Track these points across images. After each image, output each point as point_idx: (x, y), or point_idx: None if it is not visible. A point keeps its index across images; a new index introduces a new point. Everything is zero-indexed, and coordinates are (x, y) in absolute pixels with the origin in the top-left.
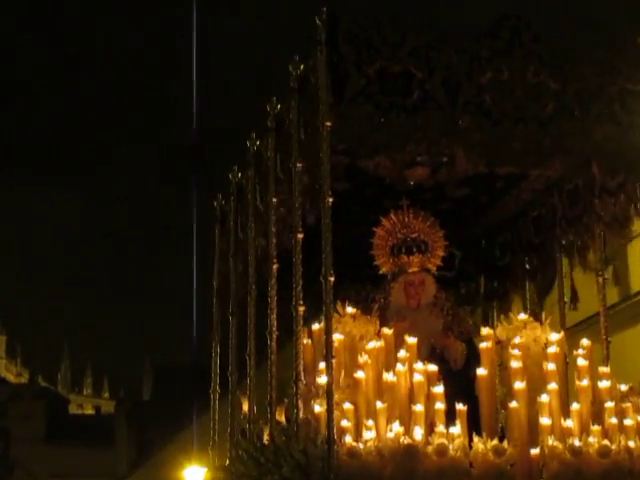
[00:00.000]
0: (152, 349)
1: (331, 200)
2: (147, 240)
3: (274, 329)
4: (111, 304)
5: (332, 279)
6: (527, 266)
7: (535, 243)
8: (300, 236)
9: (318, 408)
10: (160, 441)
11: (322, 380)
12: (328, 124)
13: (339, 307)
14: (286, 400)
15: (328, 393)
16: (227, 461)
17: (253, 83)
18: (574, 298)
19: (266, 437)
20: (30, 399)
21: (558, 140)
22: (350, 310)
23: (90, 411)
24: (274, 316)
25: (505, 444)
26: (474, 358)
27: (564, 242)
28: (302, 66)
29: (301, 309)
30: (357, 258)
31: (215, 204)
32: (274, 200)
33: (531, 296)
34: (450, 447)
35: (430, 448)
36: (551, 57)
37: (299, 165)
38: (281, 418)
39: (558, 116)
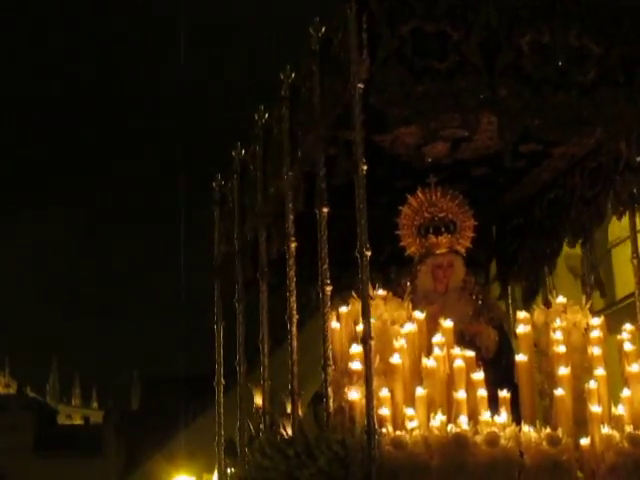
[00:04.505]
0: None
1: (365, 168)
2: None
3: (294, 312)
4: (99, 315)
5: (369, 254)
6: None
7: (548, 227)
8: (325, 210)
9: (355, 395)
10: (149, 451)
11: (356, 366)
12: (360, 86)
13: (370, 289)
14: (303, 392)
15: (367, 378)
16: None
17: (267, 48)
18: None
19: (288, 429)
20: (18, 410)
21: (600, 108)
22: (381, 292)
23: (79, 421)
24: (293, 298)
25: (559, 433)
26: (506, 345)
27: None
28: (324, 28)
29: (328, 289)
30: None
31: (214, 185)
32: (290, 174)
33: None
34: (501, 436)
35: (479, 438)
36: (594, 19)
37: (319, 134)
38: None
39: (601, 83)
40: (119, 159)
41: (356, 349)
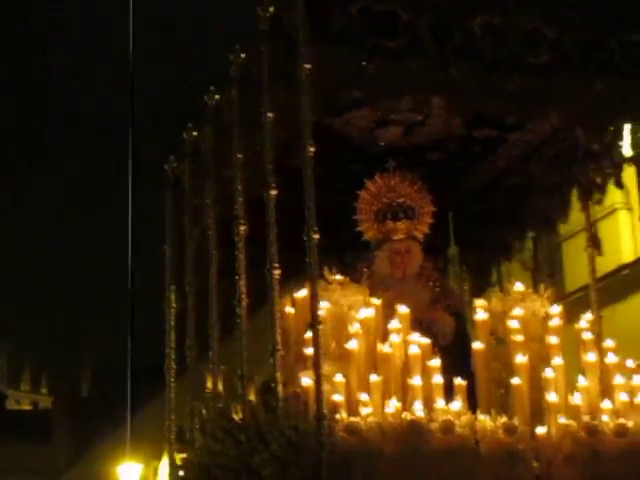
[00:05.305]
0: (91, 346)
1: (312, 150)
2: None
3: (244, 296)
4: (48, 301)
5: (317, 237)
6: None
7: (508, 213)
8: (274, 192)
9: (307, 381)
10: (98, 437)
11: (309, 351)
12: (307, 66)
13: (327, 274)
14: (256, 377)
15: (316, 364)
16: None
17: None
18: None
19: (239, 414)
20: None
21: (555, 91)
22: (338, 277)
23: (28, 407)
24: (243, 282)
25: (516, 421)
26: (463, 332)
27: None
28: (272, 7)
29: (277, 272)
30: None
31: (166, 167)
32: (239, 156)
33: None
34: (456, 424)
35: (434, 425)
36: (547, 2)
37: (270, 115)
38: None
39: (555, 65)
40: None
41: (310, 334)
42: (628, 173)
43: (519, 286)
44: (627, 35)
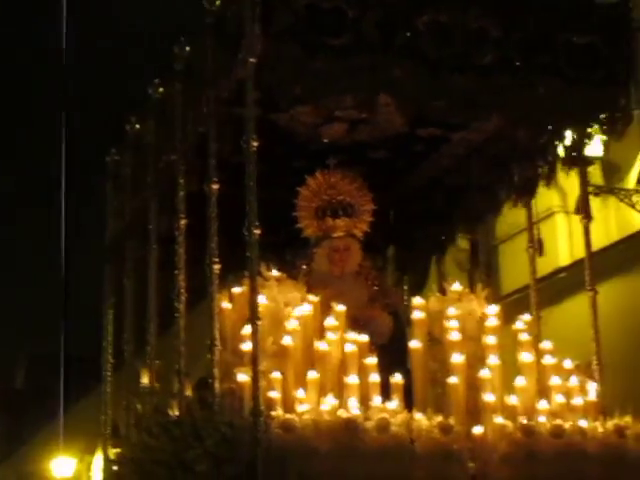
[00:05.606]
0: (27, 338)
1: (256, 144)
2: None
3: (182, 290)
4: None
5: (258, 232)
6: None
7: (448, 213)
8: (215, 187)
9: (243, 377)
10: (31, 431)
11: (247, 347)
12: (252, 60)
13: (264, 270)
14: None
15: (254, 360)
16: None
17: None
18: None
19: (175, 410)
20: None
21: (497, 93)
22: (275, 273)
23: None
24: (182, 276)
25: (452, 421)
26: (400, 331)
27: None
28: (218, 1)
29: (216, 267)
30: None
31: (107, 159)
32: (181, 149)
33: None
34: (392, 423)
35: (370, 423)
36: (493, 2)
37: (214, 109)
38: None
39: (499, 67)
40: None
41: (248, 330)
42: (565, 176)
43: (456, 286)
44: (572, 37)
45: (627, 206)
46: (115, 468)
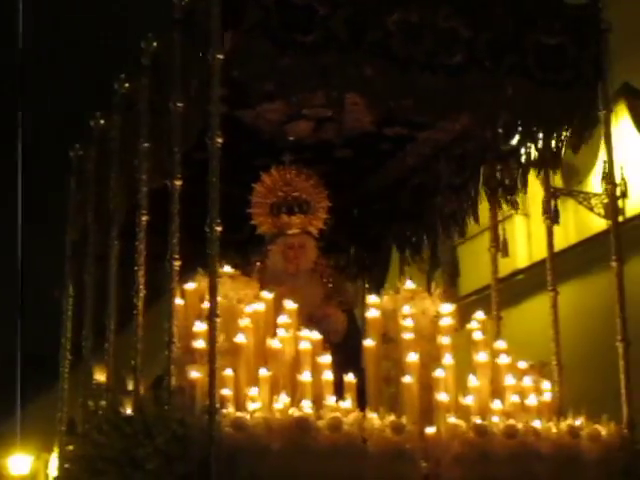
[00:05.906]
0: None
1: (220, 141)
2: None
3: (141, 287)
4: None
5: (219, 229)
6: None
7: (413, 212)
8: (178, 183)
9: (195, 374)
10: None
11: (199, 344)
12: (220, 57)
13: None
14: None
15: (211, 357)
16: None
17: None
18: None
19: (127, 407)
20: None
21: (466, 93)
22: (228, 270)
23: None
24: (142, 273)
25: (404, 420)
26: (355, 330)
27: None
28: None
29: (177, 264)
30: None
31: (71, 154)
32: (145, 145)
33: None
34: (344, 422)
35: (322, 422)
36: (464, 1)
37: (180, 105)
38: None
39: (468, 66)
40: None
41: (200, 327)
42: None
43: (409, 284)
44: (541, 38)
45: (586, 209)
46: (67, 465)
